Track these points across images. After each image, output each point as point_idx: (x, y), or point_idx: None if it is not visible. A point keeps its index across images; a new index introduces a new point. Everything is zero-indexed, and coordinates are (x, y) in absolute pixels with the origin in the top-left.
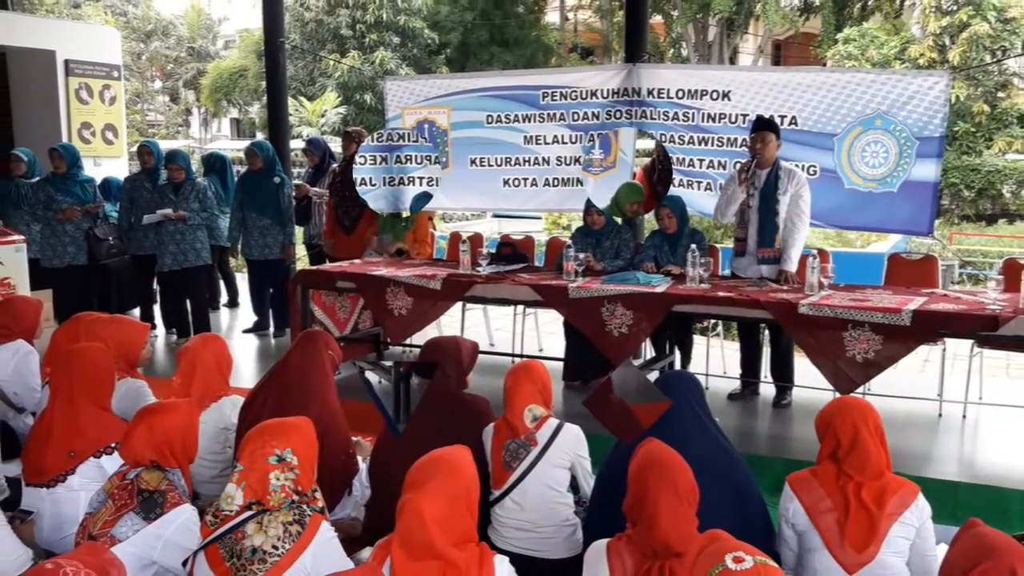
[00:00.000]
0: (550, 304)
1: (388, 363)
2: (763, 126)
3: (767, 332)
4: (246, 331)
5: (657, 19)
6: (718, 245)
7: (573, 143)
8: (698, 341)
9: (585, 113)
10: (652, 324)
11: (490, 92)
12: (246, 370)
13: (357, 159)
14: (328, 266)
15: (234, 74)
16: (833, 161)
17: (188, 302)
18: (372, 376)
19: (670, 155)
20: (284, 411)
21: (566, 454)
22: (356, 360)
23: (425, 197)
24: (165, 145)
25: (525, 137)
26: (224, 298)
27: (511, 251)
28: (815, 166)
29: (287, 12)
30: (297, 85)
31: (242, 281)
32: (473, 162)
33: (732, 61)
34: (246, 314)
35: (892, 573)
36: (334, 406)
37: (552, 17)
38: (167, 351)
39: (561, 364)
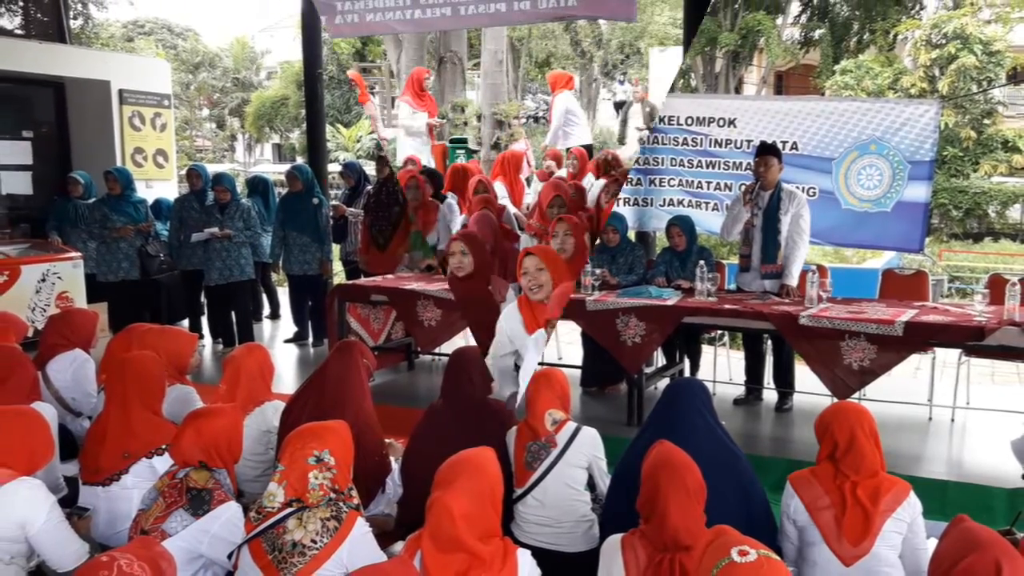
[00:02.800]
0: (569, 316)
1: None
2: (766, 151)
3: (770, 342)
4: (287, 341)
5: None
6: (724, 261)
7: None
8: (706, 350)
9: None
10: (663, 334)
11: None
12: (287, 377)
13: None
14: (363, 281)
15: (276, 103)
16: (831, 183)
17: (233, 314)
18: None
19: (679, 177)
20: (322, 415)
21: (583, 455)
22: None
23: None
24: (212, 168)
25: None
26: (266, 310)
27: None
28: (814, 188)
29: (325, 45)
30: (334, 113)
31: (283, 295)
32: None
33: (737, 91)
34: (287, 325)
35: (886, 565)
36: (368, 410)
37: None
38: (214, 359)
39: (579, 371)
